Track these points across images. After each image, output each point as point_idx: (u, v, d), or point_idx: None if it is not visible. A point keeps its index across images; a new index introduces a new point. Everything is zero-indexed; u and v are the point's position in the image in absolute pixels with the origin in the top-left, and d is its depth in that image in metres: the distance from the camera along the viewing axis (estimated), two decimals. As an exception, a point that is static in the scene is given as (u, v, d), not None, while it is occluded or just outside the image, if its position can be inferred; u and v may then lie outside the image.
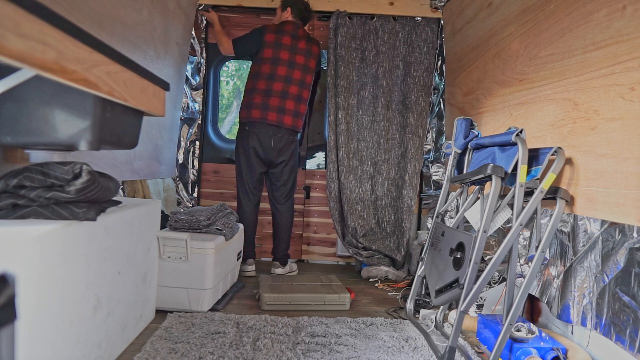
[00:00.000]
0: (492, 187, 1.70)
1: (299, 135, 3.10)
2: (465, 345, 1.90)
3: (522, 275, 2.05)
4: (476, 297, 1.67)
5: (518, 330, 1.73)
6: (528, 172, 1.74)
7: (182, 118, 3.44)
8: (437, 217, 2.28)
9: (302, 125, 3.08)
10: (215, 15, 3.28)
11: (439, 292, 1.85)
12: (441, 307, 2.11)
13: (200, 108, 3.48)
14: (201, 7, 3.39)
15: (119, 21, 2.05)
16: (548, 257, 1.92)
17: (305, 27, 3.18)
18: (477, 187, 2.04)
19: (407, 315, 2.23)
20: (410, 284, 2.53)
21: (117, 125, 1.41)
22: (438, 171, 3.47)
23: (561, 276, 1.83)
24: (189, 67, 3.42)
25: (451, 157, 2.29)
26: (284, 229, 3.08)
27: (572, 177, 1.72)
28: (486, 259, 2.26)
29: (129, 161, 2.43)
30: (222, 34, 3.13)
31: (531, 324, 1.76)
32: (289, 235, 3.11)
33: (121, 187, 2.41)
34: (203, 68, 3.47)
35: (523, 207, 1.68)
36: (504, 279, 2.21)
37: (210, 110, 3.60)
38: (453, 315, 2.17)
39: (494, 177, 1.71)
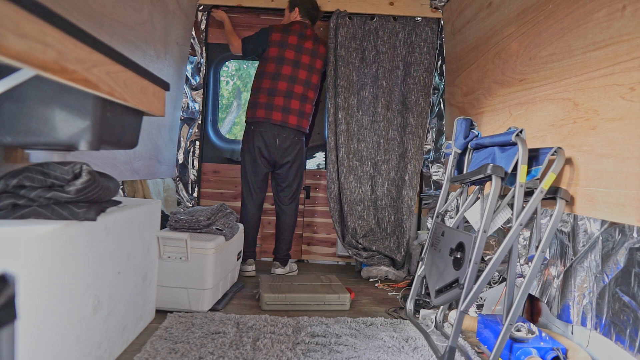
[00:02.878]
0: (492, 187, 1.70)
1: (305, 136, 3.08)
2: (465, 345, 1.90)
3: (522, 275, 2.05)
4: (476, 297, 1.67)
5: (518, 330, 1.73)
6: (528, 172, 1.74)
7: (182, 118, 3.44)
8: (437, 217, 2.28)
9: (309, 126, 3.07)
10: (225, 14, 3.29)
11: (439, 292, 1.85)
12: (441, 307, 2.11)
13: (200, 108, 3.48)
14: (201, 7, 3.39)
15: (119, 21, 2.05)
16: (548, 257, 1.92)
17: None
18: (477, 187, 2.04)
19: (407, 315, 2.23)
20: (410, 284, 2.53)
21: (117, 125, 1.42)
22: (438, 171, 3.47)
23: (561, 276, 1.83)
24: (189, 67, 3.42)
25: (451, 157, 2.29)
26: (288, 229, 3.07)
27: (572, 177, 1.72)
28: (486, 259, 2.26)
29: (129, 161, 2.43)
30: (232, 34, 3.17)
31: (531, 324, 1.76)
32: (292, 236, 3.11)
33: (121, 187, 2.41)
34: (203, 68, 3.47)
35: (523, 207, 1.68)
36: (504, 279, 2.21)
37: (210, 110, 3.60)
38: (453, 315, 2.17)
39: (494, 177, 1.71)
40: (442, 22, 3.33)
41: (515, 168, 1.71)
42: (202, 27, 3.44)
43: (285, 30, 2.94)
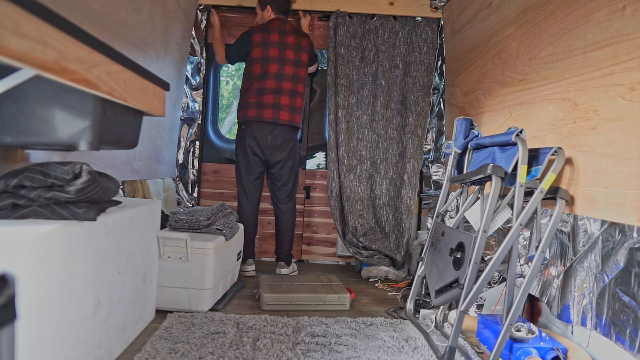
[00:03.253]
0: (492, 187, 1.70)
1: (298, 132, 3.08)
2: (465, 345, 1.90)
3: (522, 275, 2.05)
4: (476, 297, 1.67)
5: (518, 330, 1.73)
6: (528, 172, 1.74)
7: (182, 118, 3.44)
8: (437, 217, 2.28)
9: (301, 121, 3.07)
10: (217, 22, 3.26)
11: (439, 292, 1.85)
12: (441, 307, 2.11)
13: (200, 108, 3.48)
14: (201, 7, 3.39)
15: (119, 21, 2.05)
16: (548, 257, 1.92)
17: (306, 21, 3.18)
18: (477, 187, 2.04)
19: (407, 315, 2.23)
20: (410, 284, 2.53)
21: (117, 125, 1.42)
22: (438, 171, 3.47)
23: (561, 276, 1.83)
24: (189, 67, 3.42)
25: (451, 157, 2.29)
26: (287, 228, 3.07)
27: (572, 177, 1.72)
28: (486, 259, 2.26)
29: (129, 161, 2.43)
30: (219, 44, 3.14)
31: (531, 324, 1.76)
32: (292, 235, 3.10)
33: (121, 187, 2.41)
34: (203, 68, 3.47)
35: (523, 207, 1.68)
36: (504, 279, 2.21)
37: (210, 110, 3.60)
38: (453, 315, 2.17)
39: (494, 177, 1.71)
40: (442, 22, 3.33)
41: (515, 168, 1.71)
42: (202, 27, 3.44)
43: (265, 29, 2.93)
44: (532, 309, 2.12)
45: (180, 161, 3.44)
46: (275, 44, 2.91)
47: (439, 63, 3.42)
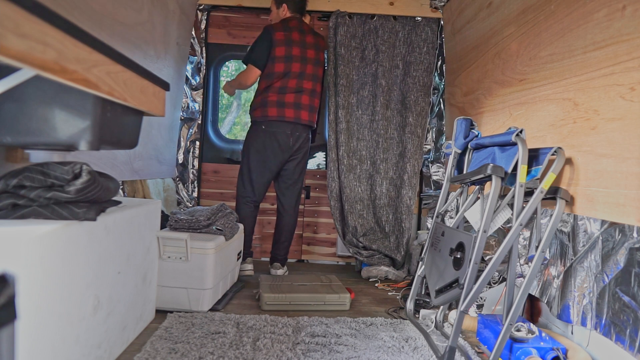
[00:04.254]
0: (492, 187, 1.70)
1: (312, 132, 3.06)
2: (465, 345, 1.90)
3: (522, 275, 2.05)
4: (476, 297, 1.67)
5: (518, 330, 1.73)
6: (528, 172, 1.74)
7: (182, 118, 3.44)
8: (437, 217, 2.28)
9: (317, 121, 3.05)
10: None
11: (439, 292, 1.85)
12: (441, 307, 2.11)
13: (200, 108, 3.48)
14: (201, 7, 3.39)
15: (119, 21, 2.05)
16: (548, 257, 1.92)
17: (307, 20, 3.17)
18: (477, 187, 2.04)
19: (407, 315, 2.23)
20: (410, 284, 2.53)
21: (117, 125, 1.42)
22: (438, 171, 3.47)
23: (561, 276, 1.83)
24: (189, 67, 3.42)
25: (451, 157, 2.29)
26: (290, 229, 3.03)
27: (572, 177, 1.72)
28: (486, 259, 2.26)
29: (129, 161, 2.43)
30: (235, 79, 3.00)
31: (531, 324, 1.76)
32: (292, 238, 3.08)
33: (121, 187, 2.41)
34: (203, 68, 3.47)
35: (523, 207, 1.68)
36: (504, 279, 2.21)
37: (210, 110, 3.60)
38: (453, 315, 2.17)
39: (494, 177, 1.71)
40: (442, 22, 3.33)
41: (515, 168, 1.71)
42: (202, 27, 3.45)
43: (286, 27, 2.87)
44: (532, 309, 2.12)
45: (180, 161, 3.44)
46: (297, 42, 2.86)
47: (439, 63, 3.42)
